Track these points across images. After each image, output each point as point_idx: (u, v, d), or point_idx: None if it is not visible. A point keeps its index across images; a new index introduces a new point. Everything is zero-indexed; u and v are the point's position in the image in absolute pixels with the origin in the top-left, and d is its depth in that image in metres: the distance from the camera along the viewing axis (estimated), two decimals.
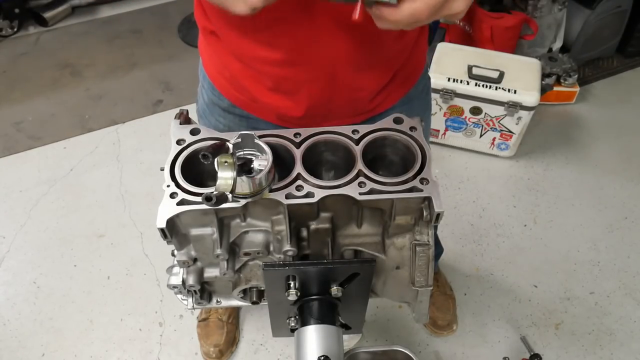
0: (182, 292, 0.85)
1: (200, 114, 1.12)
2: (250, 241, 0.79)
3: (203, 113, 1.10)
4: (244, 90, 0.96)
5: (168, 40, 2.95)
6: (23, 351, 1.71)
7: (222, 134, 0.79)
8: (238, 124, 1.03)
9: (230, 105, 1.02)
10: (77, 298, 1.83)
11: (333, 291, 0.76)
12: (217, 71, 1.00)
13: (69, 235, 2.01)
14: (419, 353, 1.68)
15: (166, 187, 0.73)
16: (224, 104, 1.02)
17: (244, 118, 1.02)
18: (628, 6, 2.52)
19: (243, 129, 1.02)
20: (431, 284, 0.80)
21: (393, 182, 0.73)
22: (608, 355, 1.69)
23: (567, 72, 2.42)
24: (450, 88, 2.08)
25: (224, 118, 1.04)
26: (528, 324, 1.75)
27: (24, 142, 2.39)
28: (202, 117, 1.11)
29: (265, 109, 0.98)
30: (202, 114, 1.11)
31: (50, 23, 3.02)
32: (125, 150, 2.33)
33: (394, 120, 0.80)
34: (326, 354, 0.72)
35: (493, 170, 2.24)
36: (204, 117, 1.10)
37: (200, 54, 1.05)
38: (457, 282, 1.83)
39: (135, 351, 1.70)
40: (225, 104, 1.02)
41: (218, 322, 1.67)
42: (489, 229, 2.02)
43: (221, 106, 1.03)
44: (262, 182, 0.69)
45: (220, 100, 1.03)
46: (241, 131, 0.69)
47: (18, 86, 2.68)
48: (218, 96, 1.02)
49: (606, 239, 1.99)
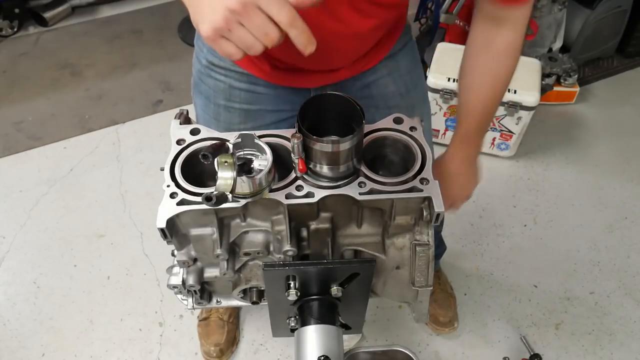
0: (182, 292, 0.85)
1: (195, 82, 1.13)
2: (250, 241, 0.79)
3: (200, 78, 1.11)
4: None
5: (168, 40, 2.95)
6: (23, 351, 1.71)
7: (222, 134, 0.79)
8: (239, 80, 1.06)
9: (231, 63, 1.04)
10: (77, 298, 1.83)
11: (333, 291, 0.76)
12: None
13: (69, 235, 2.01)
14: (419, 353, 1.68)
15: (166, 187, 0.73)
16: (225, 63, 1.04)
17: (245, 75, 1.05)
18: (628, 6, 2.52)
19: (244, 85, 1.06)
20: (431, 284, 0.80)
21: (393, 182, 0.73)
22: (608, 355, 1.69)
23: (567, 72, 2.42)
24: (450, 88, 2.08)
25: (224, 76, 1.06)
26: (528, 324, 1.75)
27: (24, 142, 2.39)
28: (198, 84, 1.13)
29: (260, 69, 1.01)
30: (199, 80, 1.12)
31: (50, 23, 3.02)
32: (125, 150, 2.33)
33: (394, 120, 0.80)
34: (326, 354, 0.72)
35: (493, 170, 2.24)
36: (200, 82, 1.11)
37: None
38: (457, 282, 1.83)
39: (135, 351, 1.70)
40: (226, 63, 1.04)
41: (219, 321, 1.67)
42: (489, 229, 2.02)
43: (222, 65, 1.05)
44: (262, 182, 0.69)
45: (221, 61, 1.05)
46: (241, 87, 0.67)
47: (18, 86, 2.68)
48: (219, 56, 1.04)
49: (606, 239, 1.99)
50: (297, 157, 0.70)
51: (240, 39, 0.61)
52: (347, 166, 0.72)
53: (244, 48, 0.62)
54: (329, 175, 0.72)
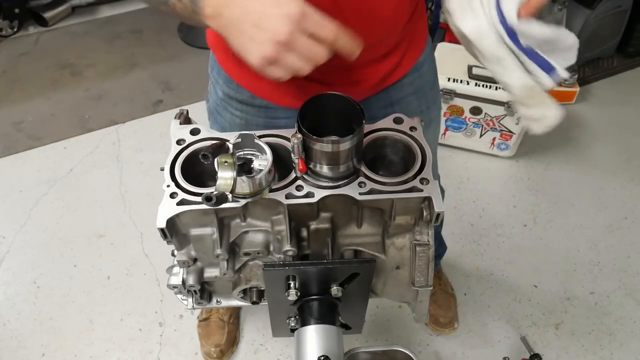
0: (182, 292, 0.85)
1: (211, 111, 1.12)
2: (250, 241, 0.79)
3: (216, 109, 1.09)
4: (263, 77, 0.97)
5: (168, 40, 2.95)
6: (23, 351, 1.71)
7: (222, 134, 0.79)
8: (256, 115, 1.03)
9: (250, 96, 1.01)
10: (77, 298, 1.83)
11: (333, 291, 0.76)
12: (236, 63, 0.99)
13: (69, 235, 2.01)
14: (419, 353, 1.68)
15: (166, 187, 0.73)
16: (242, 96, 1.02)
17: (263, 108, 1.02)
18: (628, 6, 2.52)
19: (262, 120, 1.03)
20: (431, 284, 0.80)
21: (393, 182, 0.73)
22: (608, 355, 1.69)
23: (567, 72, 2.42)
24: (450, 88, 2.08)
25: (240, 111, 1.04)
26: (528, 324, 1.75)
27: (24, 142, 2.39)
28: (214, 114, 1.11)
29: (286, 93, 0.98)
30: (215, 111, 1.10)
31: (50, 23, 3.02)
32: (125, 150, 2.33)
33: (394, 120, 0.80)
34: (326, 354, 0.72)
35: (493, 170, 2.24)
36: (216, 113, 1.10)
37: (214, 50, 1.04)
38: (458, 282, 1.83)
39: (135, 351, 1.70)
40: (244, 95, 1.01)
41: (219, 322, 1.67)
42: (489, 229, 2.02)
43: (239, 99, 1.02)
44: (262, 182, 0.69)
45: (238, 93, 1.02)
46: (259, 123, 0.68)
47: (18, 86, 2.68)
48: (235, 89, 1.02)
49: (606, 239, 1.99)
50: (297, 157, 0.70)
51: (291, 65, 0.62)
52: (347, 166, 0.72)
53: (293, 72, 0.63)
54: (329, 175, 0.72)
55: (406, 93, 1.06)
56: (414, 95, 1.07)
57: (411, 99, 1.07)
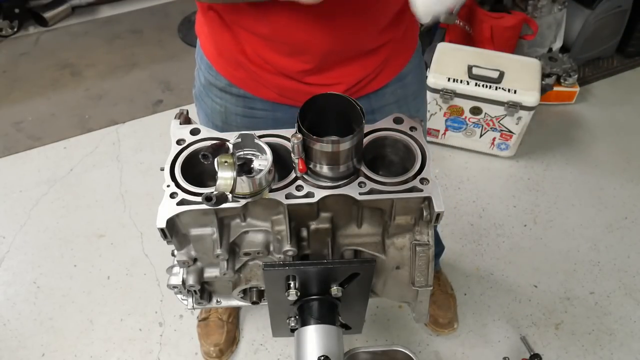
0: (182, 292, 0.85)
1: (196, 96, 1.13)
2: (250, 241, 0.79)
3: (199, 95, 1.11)
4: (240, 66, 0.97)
5: (168, 40, 2.95)
6: (23, 351, 1.71)
7: (222, 134, 0.79)
8: (235, 104, 1.04)
9: (228, 84, 1.02)
10: (77, 298, 1.83)
11: (333, 291, 0.76)
12: (215, 49, 1.00)
13: (69, 235, 2.01)
14: (419, 353, 1.68)
15: (166, 187, 0.73)
16: (221, 83, 1.03)
17: (241, 97, 1.03)
18: (628, 6, 2.52)
19: (240, 109, 1.04)
20: (431, 284, 0.80)
21: (393, 182, 0.73)
22: (608, 355, 1.69)
23: (567, 72, 2.42)
24: (450, 88, 2.08)
25: (220, 98, 1.05)
26: (528, 324, 1.75)
27: (24, 142, 2.39)
28: (198, 99, 1.12)
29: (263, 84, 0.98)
30: (199, 96, 1.11)
31: (50, 23, 3.02)
32: (125, 150, 2.33)
33: (394, 120, 0.80)
34: (326, 354, 0.72)
35: (493, 170, 2.24)
36: (199, 99, 1.11)
37: (198, 35, 1.06)
38: (457, 282, 1.83)
39: (135, 351, 1.70)
40: (222, 83, 1.03)
41: (218, 321, 1.67)
42: (489, 229, 2.02)
43: (218, 86, 1.04)
44: (262, 182, 0.69)
45: (217, 80, 1.03)
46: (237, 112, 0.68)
47: (18, 86, 2.68)
48: (215, 76, 1.03)
49: (606, 239, 1.99)
50: (297, 157, 0.70)
51: None
52: (347, 166, 0.72)
53: None
54: (329, 175, 0.72)
55: (388, 102, 1.06)
56: (395, 104, 1.07)
57: (392, 107, 1.07)
